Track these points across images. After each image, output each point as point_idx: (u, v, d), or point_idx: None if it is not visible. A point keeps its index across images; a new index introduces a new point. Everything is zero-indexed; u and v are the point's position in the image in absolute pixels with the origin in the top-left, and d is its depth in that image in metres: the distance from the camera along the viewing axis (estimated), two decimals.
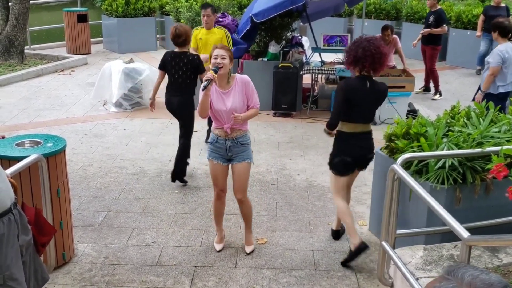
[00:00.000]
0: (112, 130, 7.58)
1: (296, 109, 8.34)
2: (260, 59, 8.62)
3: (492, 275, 1.24)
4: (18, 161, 3.63)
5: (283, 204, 5.45)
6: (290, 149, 7.00)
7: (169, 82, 5.75)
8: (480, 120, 4.37)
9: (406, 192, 3.90)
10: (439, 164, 3.94)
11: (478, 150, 3.88)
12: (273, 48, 8.47)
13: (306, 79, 8.70)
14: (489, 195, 3.99)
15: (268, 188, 5.78)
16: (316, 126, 7.90)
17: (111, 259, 4.42)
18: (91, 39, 12.93)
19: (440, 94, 9.59)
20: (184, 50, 5.66)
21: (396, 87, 7.83)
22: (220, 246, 4.59)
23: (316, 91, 8.81)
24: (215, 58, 4.13)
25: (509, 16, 10.12)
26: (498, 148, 3.76)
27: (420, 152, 4.09)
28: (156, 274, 4.23)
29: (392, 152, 4.48)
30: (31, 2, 11.19)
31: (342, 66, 8.25)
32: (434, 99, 9.50)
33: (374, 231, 4.87)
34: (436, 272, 3.47)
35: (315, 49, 8.74)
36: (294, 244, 4.70)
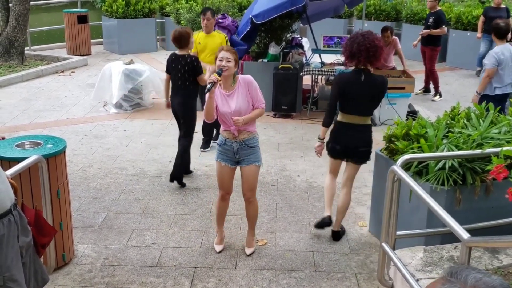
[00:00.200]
0: (112, 131, 7.58)
1: (296, 110, 8.34)
2: (260, 60, 8.62)
3: (494, 278, 1.24)
4: (18, 162, 3.64)
5: (283, 205, 5.45)
6: (290, 150, 7.00)
7: (171, 83, 5.85)
8: (480, 121, 4.37)
9: (406, 193, 3.90)
10: (439, 165, 3.94)
11: (478, 151, 3.88)
12: (273, 49, 8.48)
13: (306, 80, 8.71)
14: (489, 196, 3.99)
15: (268, 189, 5.78)
16: (316, 127, 7.88)
17: (111, 260, 4.42)
18: (91, 40, 12.94)
19: (440, 95, 9.59)
20: (183, 52, 5.69)
21: (396, 88, 7.83)
22: (220, 247, 4.59)
23: (316, 92, 8.81)
24: (220, 60, 4.13)
25: (509, 18, 10.12)
26: (498, 149, 3.76)
27: (420, 153, 4.09)
28: (156, 275, 4.23)
29: (392, 153, 4.48)
30: (31, 3, 11.19)
31: (342, 67, 8.26)
32: (434, 100, 9.50)
33: (374, 232, 4.87)
34: (436, 274, 3.47)
35: (315, 50, 8.75)
36: (294, 245, 4.70)
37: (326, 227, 4.80)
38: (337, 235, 4.81)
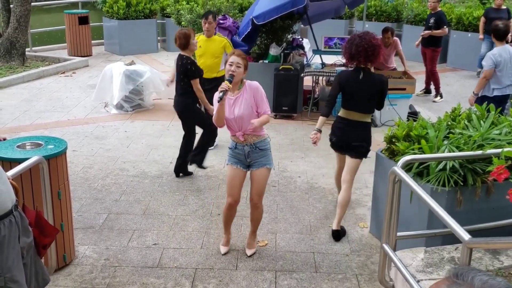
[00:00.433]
0: (113, 132, 7.59)
1: (297, 111, 8.34)
2: (261, 61, 8.62)
3: (499, 280, 1.24)
4: (19, 163, 3.64)
5: (284, 206, 5.45)
6: (291, 151, 7.00)
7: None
8: (481, 122, 4.37)
9: (407, 194, 3.90)
10: (440, 166, 3.94)
11: (479, 152, 3.88)
12: (274, 50, 8.48)
13: (307, 81, 8.71)
14: (490, 197, 3.98)
15: (269, 190, 5.77)
16: None
17: (112, 261, 4.42)
18: (92, 41, 12.95)
19: (441, 96, 9.59)
20: (184, 53, 5.80)
21: (397, 89, 7.83)
22: (225, 249, 4.57)
23: (317, 93, 8.81)
24: (230, 65, 4.12)
25: (509, 19, 10.12)
26: (499, 150, 3.76)
27: (421, 154, 4.09)
28: (157, 276, 4.23)
29: (393, 154, 4.48)
30: (32, 4, 11.21)
31: (343, 68, 8.27)
32: (435, 101, 9.49)
33: (375, 233, 4.87)
34: (437, 275, 3.47)
35: (316, 51, 8.75)
36: (295, 246, 4.70)
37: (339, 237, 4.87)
38: (337, 234, 4.80)
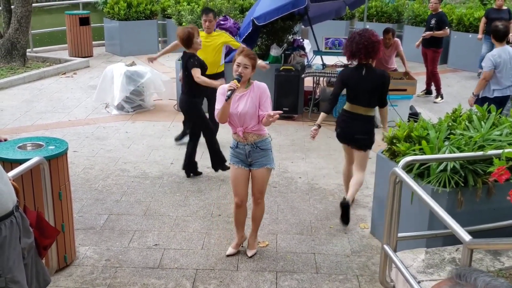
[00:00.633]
0: (114, 132, 7.59)
1: (298, 112, 8.34)
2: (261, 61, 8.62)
3: (502, 281, 1.24)
4: (20, 163, 3.64)
5: (284, 207, 5.45)
6: (292, 152, 7.00)
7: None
8: (482, 123, 4.36)
9: (408, 195, 3.90)
10: (441, 167, 3.93)
11: (480, 153, 3.88)
12: (274, 51, 8.48)
13: (308, 82, 8.71)
14: (491, 198, 3.98)
15: (270, 191, 5.77)
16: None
17: (113, 262, 4.42)
18: (93, 42, 12.95)
19: (442, 97, 9.58)
20: (188, 51, 5.84)
21: (397, 90, 7.82)
22: (232, 251, 4.55)
23: (318, 94, 8.81)
24: (238, 66, 4.14)
25: (510, 19, 10.12)
26: (500, 151, 3.76)
27: (421, 155, 4.09)
28: (158, 277, 4.23)
29: (394, 155, 4.48)
30: (33, 5, 11.22)
31: (344, 69, 8.26)
32: (435, 102, 9.49)
33: (376, 234, 4.86)
34: (437, 276, 3.47)
35: (317, 52, 8.75)
36: (296, 247, 4.70)
37: (344, 209, 4.89)
38: (346, 207, 4.81)
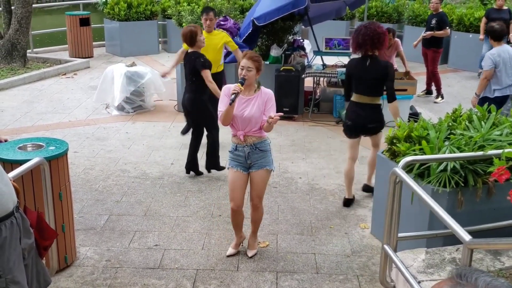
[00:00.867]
0: (114, 133, 7.59)
1: (298, 112, 8.35)
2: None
3: (502, 281, 1.24)
4: (21, 164, 3.65)
5: (285, 207, 5.45)
6: (292, 152, 7.00)
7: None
8: (482, 123, 4.36)
9: (408, 195, 3.90)
10: (441, 167, 3.93)
11: (480, 153, 3.88)
12: (275, 51, 8.48)
13: (308, 82, 8.71)
14: (491, 198, 3.98)
15: (270, 191, 5.77)
16: (318, 129, 7.90)
17: (113, 262, 4.43)
18: (94, 43, 12.96)
19: (442, 97, 9.58)
20: (193, 49, 5.85)
21: (398, 90, 7.80)
22: (232, 251, 4.55)
23: (318, 94, 8.81)
24: (241, 69, 4.15)
25: (511, 19, 10.12)
26: (500, 151, 3.76)
27: (421, 155, 4.09)
28: (158, 277, 4.23)
29: (394, 155, 4.48)
30: (33, 6, 11.23)
31: (344, 69, 8.26)
32: (436, 102, 9.49)
33: (376, 234, 4.86)
34: (438, 276, 3.47)
35: (317, 52, 8.75)
36: (296, 247, 4.70)
37: (348, 206, 5.41)
38: (348, 202, 5.41)
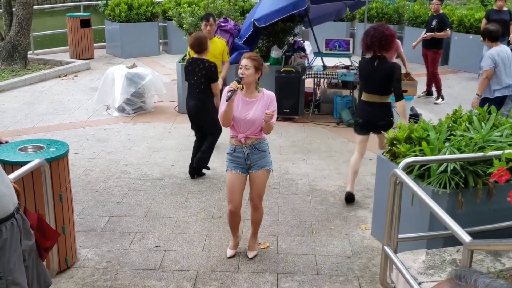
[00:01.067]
0: (115, 134, 7.60)
1: (298, 113, 8.35)
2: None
3: (501, 282, 1.24)
4: (21, 166, 3.65)
5: (285, 209, 5.45)
6: (293, 153, 7.00)
7: (188, 86, 6.05)
8: (482, 124, 4.37)
9: (408, 196, 3.90)
10: (441, 168, 3.93)
11: (480, 154, 3.88)
12: (275, 52, 8.49)
13: (308, 84, 8.72)
14: (491, 199, 3.98)
15: (270, 193, 5.78)
16: (319, 130, 7.91)
17: (114, 264, 4.43)
18: (94, 44, 12.96)
19: (443, 98, 9.58)
20: (202, 56, 5.85)
21: None
22: (231, 253, 4.56)
23: (318, 95, 8.81)
24: (240, 68, 4.17)
25: (511, 20, 10.11)
26: (500, 152, 3.76)
27: (422, 156, 4.09)
28: (159, 278, 4.23)
29: (394, 156, 4.48)
30: (34, 7, 11.24)
31: (344, 71, 8.28)
32: (436, 103, 9.49)
33: (376, 235, 4.86)
34: (438, 277, 3.46)
35: (317, 53, 8.75)
36: (297, 249, 4.70)
37: (349, 202, 5.52)
38: (350, 196, 5.54)
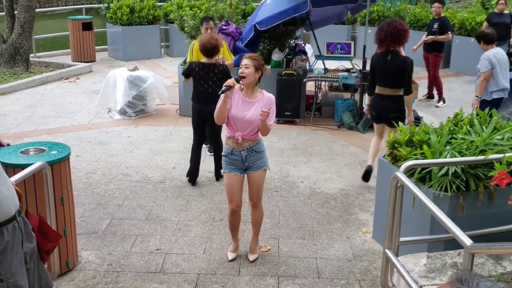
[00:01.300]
0: (116, 137, 7.61)
1: (300, 116, 8.36)
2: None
3: (502, 285, 1.25)
4: (23, 168, 3.66)
5: (286, 212, 5.45)
6: (294, 156, 7.00)
7: (197, 91, 5.85)
8: (483, 127, 4.37)
9: (409, 199, 3.90)
10: (442, 171, 3.94)
11: (481, 157, 3.88)
12: (276, 55, 8.50)
13: (310, 87, 8.72)
14: (492, 203, 3.98)
15: (272, 195, 5.78)
16: (320, 133, 7.91)
17: (115, 267, 4.43)
18: (96, 47, 12.98)
19: (444, 101, 9.58)
20: (212, 61, 5.79)
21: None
22: (232, 256, 4.56)
23: (320, 98, 8.82)
24: (240, 67, 4.20)
25: None
26: (501, 155, 3.76)
27: (423, 159, 4.09)
28: (159, 281, 4.23)
29: (395, 159, 4.48)
30: (36, 10, 11.27)
31: (345, 74, 8.28)
32: (437, 106, 9.49)
33: (378, 239, 4.86)
34: (439, 280, 3.46)
35: (318, 56, 8.76)
36: (298, 252, 4.70)
37: (369, 175, 5.88)
38: (369, 172, 5.94)
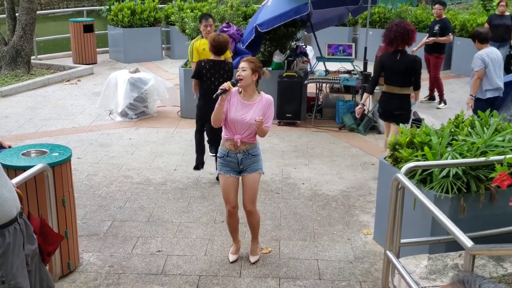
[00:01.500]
0: (117, 139, 7.62)
1: (301, 118, 8.36)
2: (264, 68, 8.64)
3: (503, 287, 1.25)
4: (24, 170, 3.67)
5: (287, 213, 5.45)
6: (295, 158, 7.01)
7: (208, 90, 5.71)
8: (484, 129, 4.37)
9: (410, 201, 3.90)
10: (443, 173, 3.94)
11: (482, 159, 3.88)
12: (277, 57, 8.51)
13: (311, 88, 8.74)
14: (493, 204, 3.98)
15: (273, 197, 5.78)
16: (321, 135, 7.91)
17: (116, 268, 4.43)
18: (97, 49, 13.02)
19: (445, 103, 9.58)
20: (221, 58, 5.81)
21: None
22: (233, 257, 4.56)
23: (321, 100, 8.82)
24: (237, 70, 4.23)
25: None
26: (502, 157, 3.76)
27: (424, 161, 4.09)
28: (161, 283, 4.24)
29: (396, 161, 4.48)
30: (37, 12, 11.29)
31: (346, 75, 8.29)
32: (438, 108, 9.49)
33: (379, 240, 4.86)
34: (440, 282, 3.46)
35: (320, 58, 8.77)
36: (299, 253, 4.70)
37: None
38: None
